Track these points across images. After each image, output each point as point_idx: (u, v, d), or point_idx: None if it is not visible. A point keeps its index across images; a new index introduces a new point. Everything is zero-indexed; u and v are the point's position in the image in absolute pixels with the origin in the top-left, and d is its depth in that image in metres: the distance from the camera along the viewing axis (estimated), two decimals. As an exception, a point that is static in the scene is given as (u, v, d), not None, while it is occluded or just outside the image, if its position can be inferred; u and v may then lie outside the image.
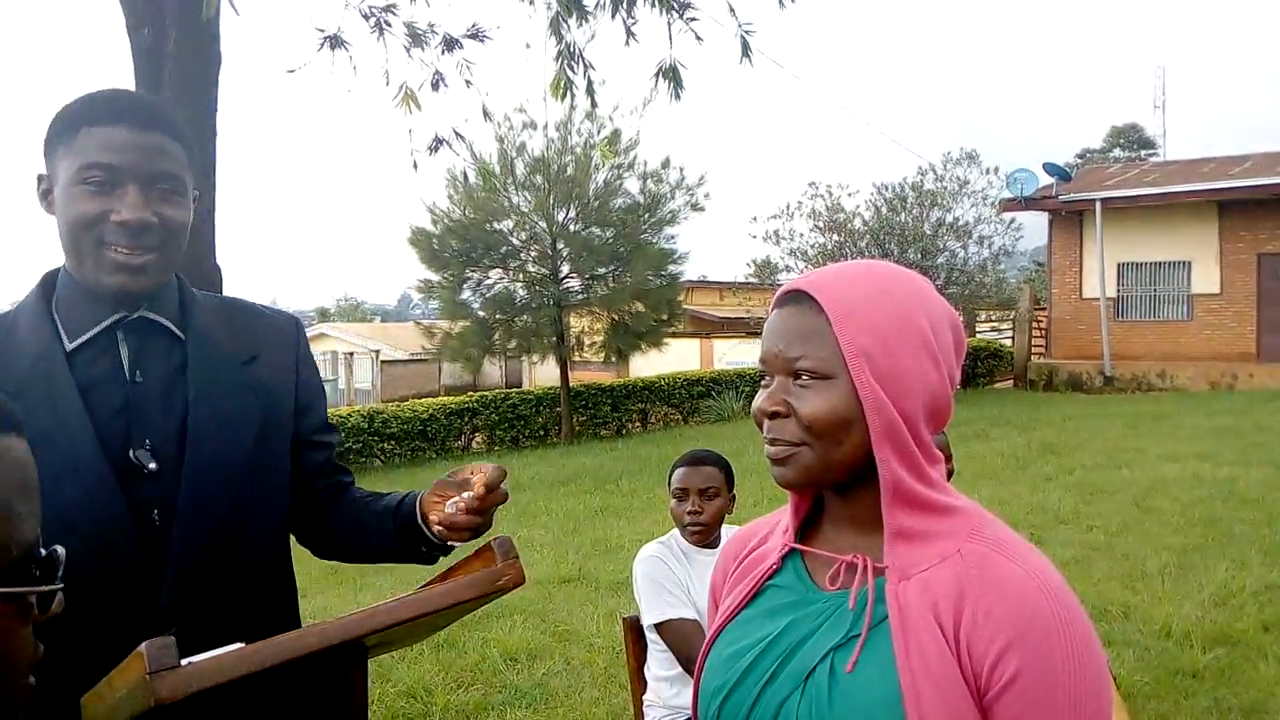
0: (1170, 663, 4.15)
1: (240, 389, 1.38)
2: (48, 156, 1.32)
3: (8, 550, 0.58)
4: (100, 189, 1.27)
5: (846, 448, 1.01)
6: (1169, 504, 7.31)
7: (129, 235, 1.27)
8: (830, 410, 1.00)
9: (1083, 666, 0.94)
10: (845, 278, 1.05)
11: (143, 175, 1.28)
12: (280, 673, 1.06)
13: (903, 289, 1.05)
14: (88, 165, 1.26)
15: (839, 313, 1.01)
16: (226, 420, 1.35)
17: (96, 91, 1.33)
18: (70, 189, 1.27)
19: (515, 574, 1.22)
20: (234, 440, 1.35)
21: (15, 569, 0.58)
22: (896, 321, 1.02)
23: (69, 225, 1.28)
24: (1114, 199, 18.28)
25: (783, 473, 1.06)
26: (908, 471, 1.01)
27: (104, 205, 1.27)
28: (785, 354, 1.03)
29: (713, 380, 17.88)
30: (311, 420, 1.51)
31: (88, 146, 1.26)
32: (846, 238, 19.10)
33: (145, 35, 3.79)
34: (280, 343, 1.48)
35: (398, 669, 4.48)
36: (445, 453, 15.00)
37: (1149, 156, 37.08)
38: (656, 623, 2.48)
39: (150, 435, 1.30)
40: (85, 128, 1.27)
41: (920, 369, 1.03)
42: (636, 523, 7.74)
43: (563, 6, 4.41)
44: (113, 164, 1.27)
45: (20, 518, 0.59)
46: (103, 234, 1.27)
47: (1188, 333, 18.50)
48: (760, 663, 1.06)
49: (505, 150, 15.79)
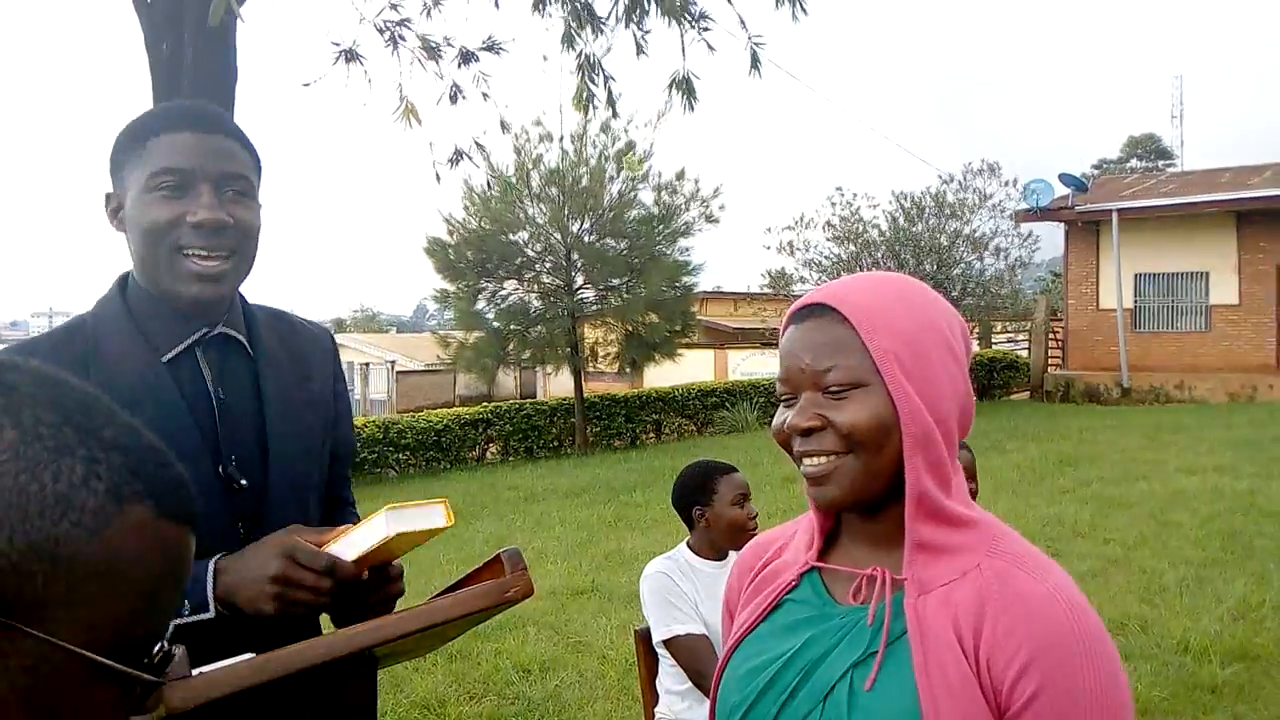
0: (1188, 678, 4.10)
1: (305, 407, 1.42)
2: (115, 174, 1.32)
3: (135, 632, 0.58)
4: (173, 194, 1.26)
5: (886, 455, 1.00)
6: (1187, 517, 7.24)
7: (205, 236, 1.26)
8: (871, 416, 0.99)
9: (1104, 684, 0.93)
10: (862, 287, 1.05)
11: (214, 176, 1.28)
12: (291, 683, 1.06)
13: (919, 295, 1.06)
14: (158, 171, 1.25)
15: (865, 319, 1.00)
16: (299, 437, 1.39)
17: (160, 105, 1.36)
18: (142, 198, 1.26)
19: (524, 585, 1.22)
20: (307, 457, 1.40)
21: (135, 654, 0.58)
22: (921, 325, 1.02)
23: (143, 234, 1.27)
24: (1131, 209, 18.17)
25: (825, 492, 1.03)
26: (935, 481, 1.00)
27: (178, 209, 1.26)
28: (813, 368, 1.01)
29: (727, 391, 17.86)
30: (342, 430, 1.53)
31: (157, 154, 1.26)
32: (862, 248, 19.07)
33: (163, 49, 3.84)
34: (321, 356, 1.51)
35: (411, 680, 4.48)
36: (460, 463, 15.03)
37: (1166, 167, 36.92)
38: (665, 639, 2.47)
39: (235, 451, 1.33)
40: (153, 138, 1.27)
41: (948, 373, 1.02)
42: (650, 534, 7.73)
43: (575, 19, 4.43)
44: (183, 167, 1.26)
45: (160, 608, 0.60)
46: (178, 239, 1.26)
47: (1206, 344, 18.35)
48: (779, 679, 1.04)
49: (522, 162, 15.86)
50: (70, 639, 0.54)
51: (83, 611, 0.55)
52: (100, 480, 0.56)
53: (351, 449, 1.59)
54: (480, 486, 11.54)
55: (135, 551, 0.57)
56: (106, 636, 0.56)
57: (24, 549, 0.53)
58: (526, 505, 9.95)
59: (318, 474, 1.43)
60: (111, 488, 0.56)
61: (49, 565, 0.53)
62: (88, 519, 0.55)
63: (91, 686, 0.56)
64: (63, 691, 0.55)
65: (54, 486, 0.54)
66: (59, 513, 0.54)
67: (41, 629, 0.53)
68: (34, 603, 0.53)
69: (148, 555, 0.58)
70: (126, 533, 0.56)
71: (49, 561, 0.53)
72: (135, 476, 0.58)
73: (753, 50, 4.45)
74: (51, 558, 0.53)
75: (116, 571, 0.56)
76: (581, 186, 15.88)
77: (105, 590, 0.56)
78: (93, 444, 0.57)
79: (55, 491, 0.54)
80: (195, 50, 3.75)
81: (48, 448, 0.55)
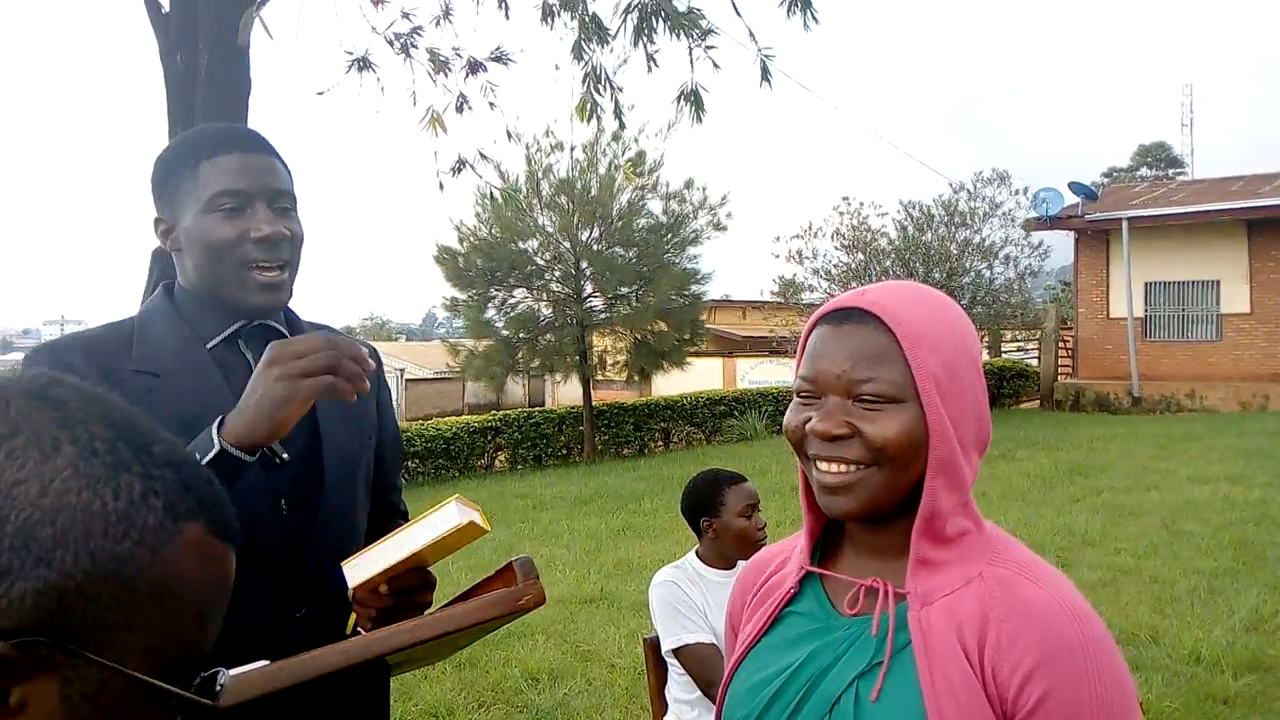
0: (1200, 688, 4.08)
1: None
2: (162, 199, 1.41)
3: (190, 654, 0.57)
4: (232, 214, 1.35)
5: (910, 473, 0.99)
6: (1199, 526, 7.20)
7: (268, 249, 1.36)
8: (904, 433, 0.97)
9: (1109, 689, 0.93)
10: (904, 299, 1.02)
11: (267, 193, 1.38)
12: (305, 690, 1.07)
13: (953, 312, 1.05)
14: (218, 194, 1.35)
15: (910, 335, 0.98)
16: (349, 419, 1.45)
17: (194, 130, 1.45)
18: (203, 219, 1.35)
19: (536, 594, 1.23)
20: (356, 437, 1.47)
21: (186, 675, 0.57)
22: (956, 344, 1.01)
23: (210, 251, 1.36)
24: (1141, 218, 18.11)
25: (842, 502, 1.01)
26: (953, 501, 1.00)
27: (240, 227, 1.35)
28: (850, 375, 0.99)
29: (735, 400, 17.82)
30: (388, 431, 1.60)
31: (212, 177, 1.35)
32: (871, 257, 19.04)
33: (179, 60, 3.87)
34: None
35: (420, 687, 4.49)
36: (469, 471, 15.04)
37: (1176, 175, 36.77)
38: (674, 648, 2.47)
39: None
40: (204, 161, 1.36)
41: (974, 397, 1.02)
42: (659, 543, 7.72)
43: (584, 31, 4.46)
44: (240, 188, 1.35)
45: (210, 626, 0.59)
46: (245, 254, 1.36)
47: (1217, 353, 18.25)
48: (784, 693, 1.04)
49: (533, 171, 15.90)
50: (131, 664, 0.53)
51: (142, 635, 0.53)
52: (158, 497, 0.55)
53: (399, 452, 1.65)
54: (489, 494, 11.54)
55: (192, 571, 0.56)
56: (162, 660, 0.55)
57: (89, 569, 0.51)
58: (535, 513, 9.95)
59: (366, 458, 1.49)
60: (168, 505, 0.55)
61: (113, 587, 0.52)
62: (149, 537, 0.54)
63: (147, 711, 0.55)
64: (119, 718, 0.53)
65: (115, 504, 0.53)
66: (121, 531, 0.53)
67: (106, 655, 0.52)
68: (97, 626, 0.51)
69: (203, 575, 0.57)
70: (184, 552, 0.55)
71: (113, 582, 0.52)
72: (188, 493, 0.57)
73: (763, 62, 4.47)
74: (115, 578, 0.52)
75: (174, 592, 0.55)
76: (591, 195, 15.91)
77: (163, 612, 0.54)
78: (146, 460, 0.55)
79: (117, 509, 0.53)
80: (210, 61, 3.78)
81: (105, 464, 0.53)
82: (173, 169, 1.39)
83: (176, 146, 1.41)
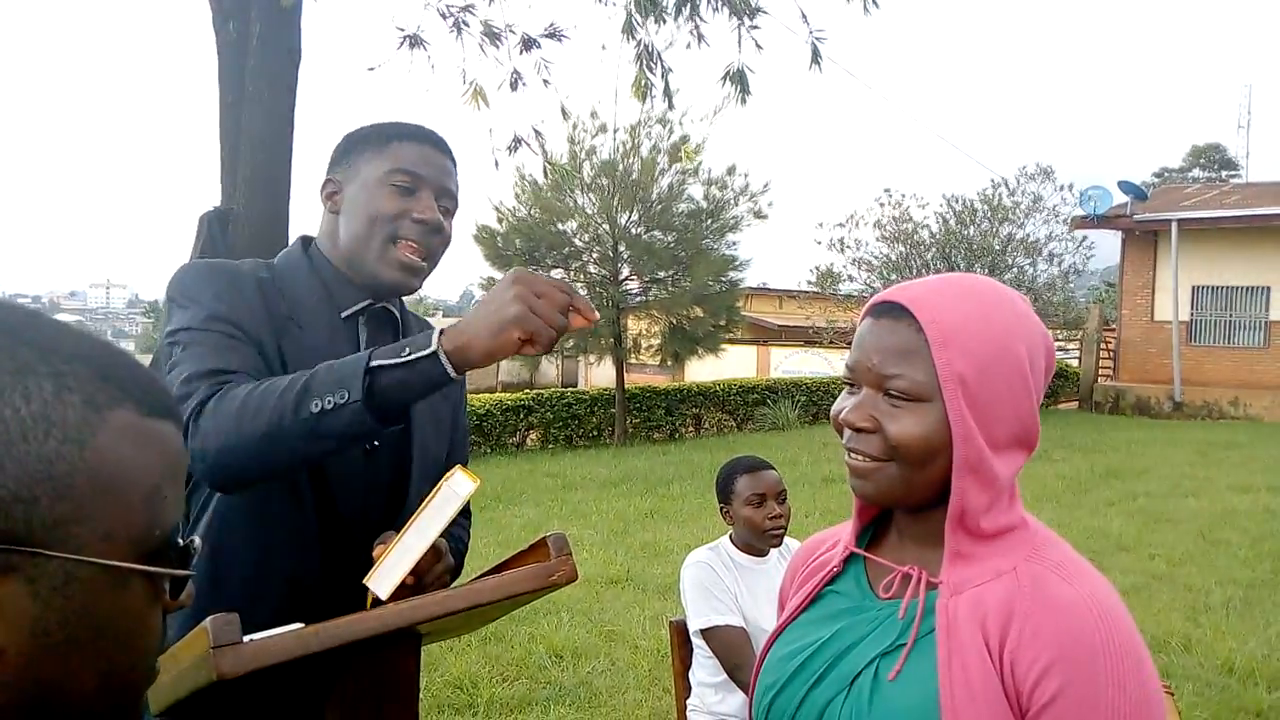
0: (1232, 700, 4.02)
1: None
2: (341, 161, 1.48)
3: (151, 532, 0.58)
4: (403, 192, 1.43)
5: (930, 472, 1.01)
6: (1237, 536, 7.08)
7: (423, 232, 1.43)
8: (921, 435, 0.99)
9: (1128, 690, 0.92)
10: (947, 296, 1.02)
11: (438, 187, 1.46)
12: (338, 655, 1.08)
13: (1003, 314, 1.02)
14: (396, 170, 1.43)
15: (938, 336, 0.99)
16: (434, 412, 1.52)
17: (398, 120, 1.50)
18: (375, 188, 1.43)
19: (568, 570, 1.23)
20: (438, 428, 1.54)
21: (156, 552, 0.59)
22: (995, 349, 1.00)
23: (368, 218, 1.42)
24: (1192, 220, 17.74)
25: (862, 486, 1.05)
26: (985, 500, 1.00)
27: (404, 205, 1.43)
28: (879, 370, 1.01)
29: (769, 388, 17.75)
30: (460, 433, 1.65)
31: (399, 155, 1.43)
32: (912, 249, 18.83)
33: (230, 30, 3.91)
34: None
35: (445, 659, 4.54)
36: (500, 448, 15.14)
37: (1230, 177, 35.98)
38: (703, 629, 2.47)
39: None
40: (396, 141, 1.45)
41: (1013, 398, 1.01)
42: (686, 527, 7.73)
43: (638, 8, 4.43)
44: (419, 173, 1.44)
45: (167, 501, 0.60)
46: (397, 230, 1.42)
47: (1264, 360, 17.87)
48: (810, 664, 1.07)
49: (575, 152, 15.90)
50: (90, 553, 0.55)
51: (95, 524, 0.55)
52: (72, 392, 0.55)
53: (467, 445, 1.70)
54: (519, 472, 11.61)
55: (130, 455, 0.57)
56: (123, 542, 0.56)
57: (20, 475, 0.52)
58: (564, 493, 10.00)
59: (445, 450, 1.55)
60: (86, 398, 0.56)
61: (49, 487, 0.53)
62: (72, 432, 0.54)
63: (122, 592, 0.57)
64: (96, 603, 0.55)
65: (28, 408, 0.53)
66: (42, 431, 0.53)
67: (61, 549, 0.53)
68: (46, 526, 0.53)
69: (142, 456, 0.58)
70: (115, 439, 0.56)
71: (48, 483, 0.53)
72: (107, 381, 0.57)
73: (814, 44, 4.42)
74: (49, 479, 0.53)
75: (115, 478, 0.56)
76: (632, 179, 15.88)
77: (110, 499, 0.56)
78: (53, 359, 0.55)
79: (31, 413, 0.53)
80: (262, 30, 3.81)
81: (8, 370, 0.54)
82: (363, 139, 1.46)
83: (371, 125, 1.49)
